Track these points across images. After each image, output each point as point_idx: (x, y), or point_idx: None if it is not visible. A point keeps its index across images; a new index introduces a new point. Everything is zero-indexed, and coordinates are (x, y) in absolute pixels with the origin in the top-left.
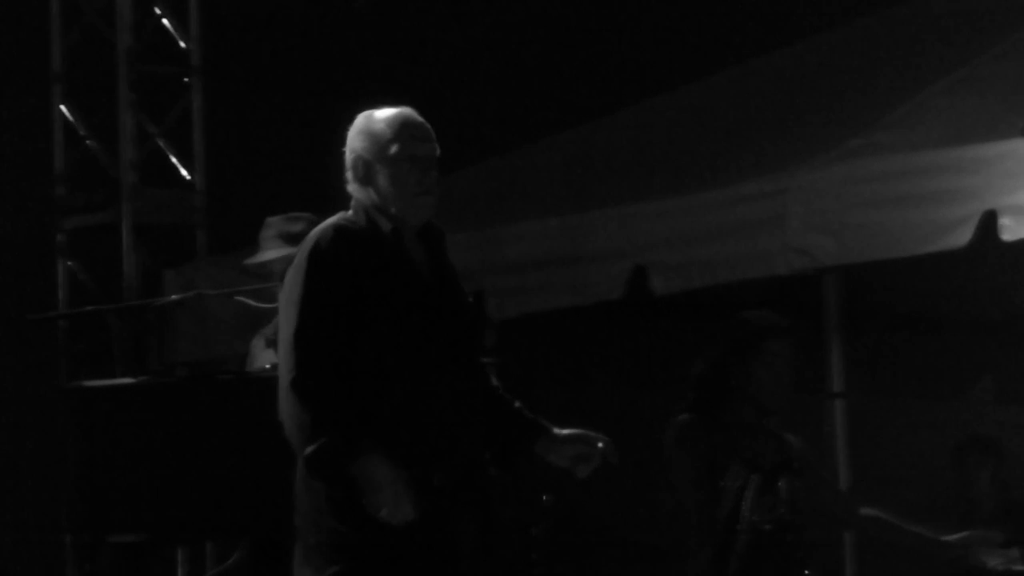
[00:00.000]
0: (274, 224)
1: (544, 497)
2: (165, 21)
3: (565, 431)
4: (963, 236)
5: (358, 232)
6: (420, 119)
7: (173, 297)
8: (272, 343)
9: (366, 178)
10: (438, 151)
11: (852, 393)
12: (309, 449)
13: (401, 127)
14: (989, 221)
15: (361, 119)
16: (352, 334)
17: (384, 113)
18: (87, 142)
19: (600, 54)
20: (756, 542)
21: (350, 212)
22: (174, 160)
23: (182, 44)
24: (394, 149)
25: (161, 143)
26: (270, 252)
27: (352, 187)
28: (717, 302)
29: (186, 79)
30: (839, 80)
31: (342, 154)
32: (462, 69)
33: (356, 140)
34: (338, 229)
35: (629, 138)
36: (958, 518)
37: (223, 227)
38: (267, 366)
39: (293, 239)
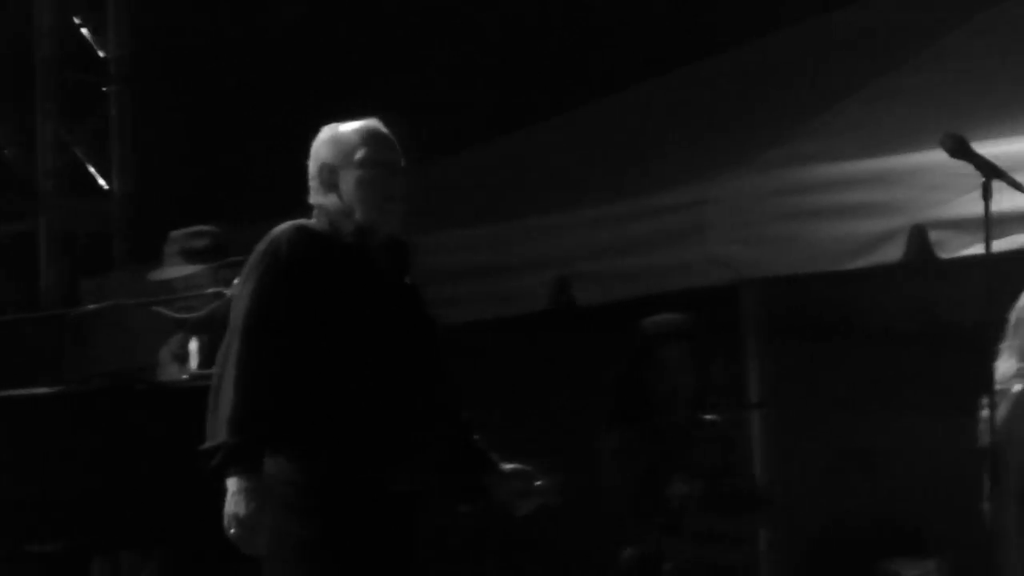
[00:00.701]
0: (177, 240)
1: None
2: (84, 30)
3: (508, 466)
4: (894, 251)
5: (319, 233)
6: (385, 129)
7: (90, 306)
8: (178, 356)
9: (331, 184)
10: (403, 162)
11: (770, 404)
12: (208, 444)
13: (368, 134)
14: (919, 236)
15: (326, 130)
16: (308, 333)
17: (351, 123)
18: (4, 151)
19: (521, 66)
20: (695, 544)
21: (312, 220)
22: (92, 169)
23: (101, 53)
24: (361, 154)
25: (79, 152)
26: (172, 270)
27: (316, 197)
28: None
29: (104, 88)
30: (759, 90)
31: (262, 161)
32: (382, 80)
33: (321, 149)
34: (299, 227)
35: (551, 149)
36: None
37: (141, 236)
38: (184, 376)
39: (195, 255)
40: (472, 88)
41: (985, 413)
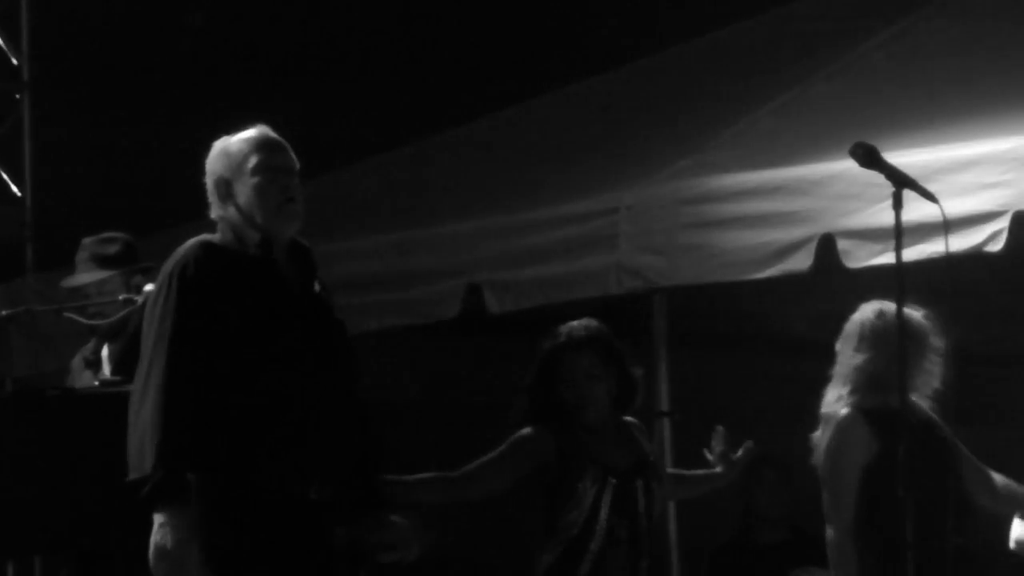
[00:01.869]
0: (88, 246)
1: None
2: None
3: (393, 517)
4: (803, 261)
5: (225, 248)
6: (274, 134)
7: (2, 312)
8: (91, 363)
9: (227, 196)
10: (297, 163)
11: (679, 412)
12: (135, 475)
13: (256, 141)
14: (827, 245)
15: (217, 143)
16: (222, 348)
17: (238, 135)
18: None
19: (431, 72)
20: (611, 547)
21: (216, 234)
22: (3, 175)
23: (13, 60)
24: (252, 161)
25: None
26: (84, 275)
27: (216, 211)
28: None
29: (16, 95)
30: (670, 100)
31: (171, 168)
32: (290, 86)
33: (215, 163)
34: (204, 244)
35: (462, 156)
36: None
37: (52, 242)
38: (96, 383)
39: (106, 261)
40: (384, 93)
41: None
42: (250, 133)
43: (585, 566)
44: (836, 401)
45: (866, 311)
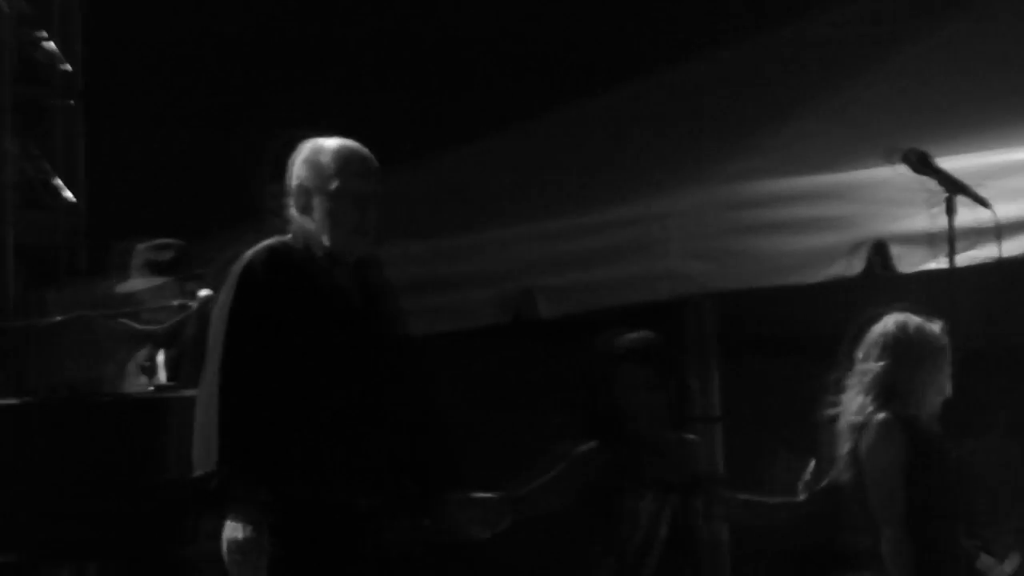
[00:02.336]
0: (142, 253)
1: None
2: (48, 44)
3: (470, 496)
4: (855, 265)
5: (292, 255)
6: (366, 153)
7: (56, 318)
8: (145, 369)
9: (306, 207)
10: (379, 187)
11: (730, 417)
12: (199, 473)
13: (345, 162)
14: (880, 250)
15: (307, 147)
16: (281, 355)
17: (330, 145)
18: None
19: (479, 76)
20: (671, 562)
21: (288, 236)
22: (59, 182)
23: (68, 67)
24: (335, 185)
25: (45, 165)
26: (138, 282)
27: (292, 212)
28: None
29: (71, 101)
30: (718, 104)
31: (217, 174)
32: (338, 91)
33: (300, 168)
34: (271, 250)
35: (513, 160)
36: None
37: (106, 249)
38: (151, 388)
39: (160, 268)
40: (433, 98)
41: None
42: (339, 148)
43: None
44: (859, 410)
45: (888, 322)
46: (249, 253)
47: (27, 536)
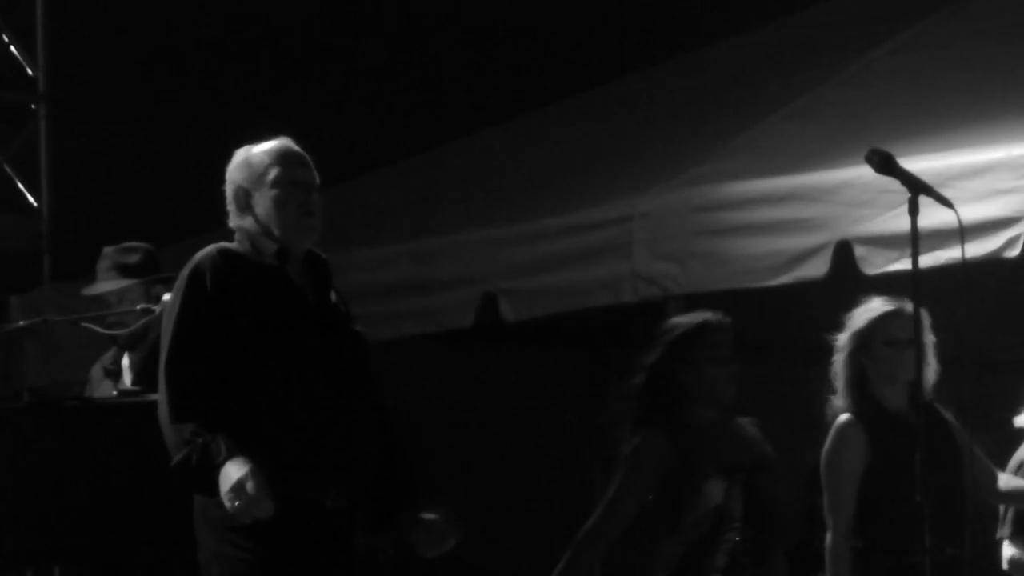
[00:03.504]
0: (109, 255)
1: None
2: (13, 48)
3: (425, 515)
4: (819, 267)
5: (241, 256)
6: (296, 147)
7: (20, 323)
8: (110, 373)
9: (246, 207)
10: (317, 178)
11: None
12: (175, 460)
13: (278, 154)
14: (844, 251)
15: (239, 153)
16: (235, 356)
17: (261, 145)
18: None
19: (445, 80)
20: (745, 541)
21: (234, 242)
22: (20, 186)
23: (29, 71)
24: (273, 174)
25: (7, 169)
26: (105, 284)
27: (234, 220)
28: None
29: (33, 106)
30: (682, 108)
31: (186, 179)
32: (307, 95)
33: (236, 172)
34: (221, 251)
35: (478, 163)
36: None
37: (68, 253)
38: (114, 392)
39: (128, 270)
40: (399, 101)
41: None
42: (272, 145)
43: (721, 558)
44: (833, 411)
45: (855, 316)
46: (196, 256)
47: None
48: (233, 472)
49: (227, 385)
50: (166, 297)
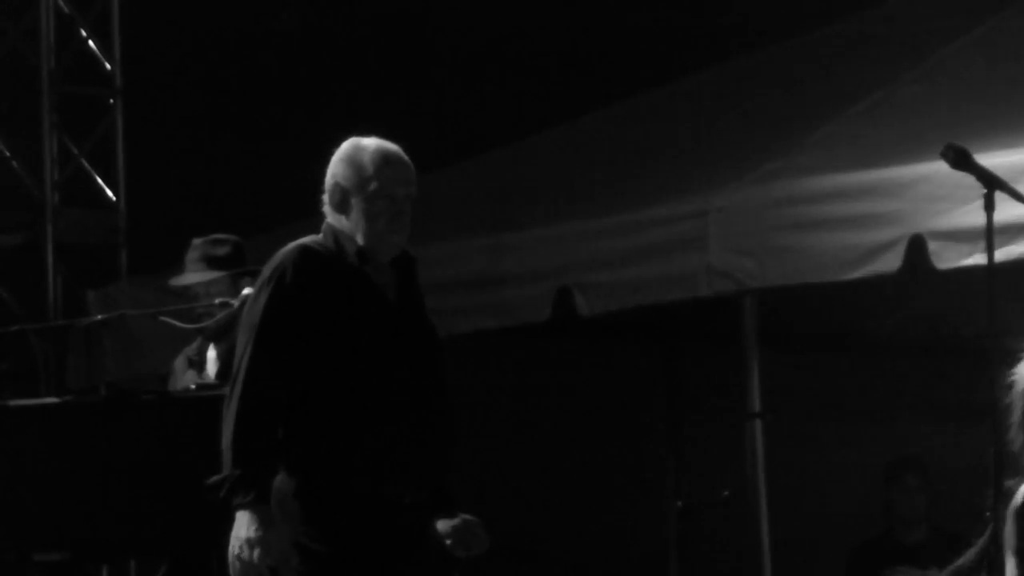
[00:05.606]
0: (199, 247)
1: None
2: (90, 43)
3: (451, 522)
4: (892, 262)
5: (324, 254)
6: (405, 159)
7: (97, 317)
8: (194, 363)
9: (341, 206)
10: (416, 192)
11: (771, 413)
12: (211, 479)
13: (384, 165)
14: (917, 246)
15: (348, 146)
16: (314, 355)
17: (371, 145)
18: (12, 163)
19: (523, 76)
20: None
21: (320, 235)
22: (98, 181)
23: (107, 65)
24: (373, 186)
25: (85, 164)
26: (193, 275)
27: (327, 210)
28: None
29: (110, 100)
30: (756, 104)
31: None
32: (383, 89)
33: (338, 166)
34: (304, 249)
35: (553, 159)
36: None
37: (145, 247)
38: (192, 386)
39: (217, 262)
40: (473, 98)
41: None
42: (379, 150)
43: None
44: None
45: None
46: (280, 254)
47: (70, 535)
48: (243, 527)
49: (305, 384)
50: (246, 291)
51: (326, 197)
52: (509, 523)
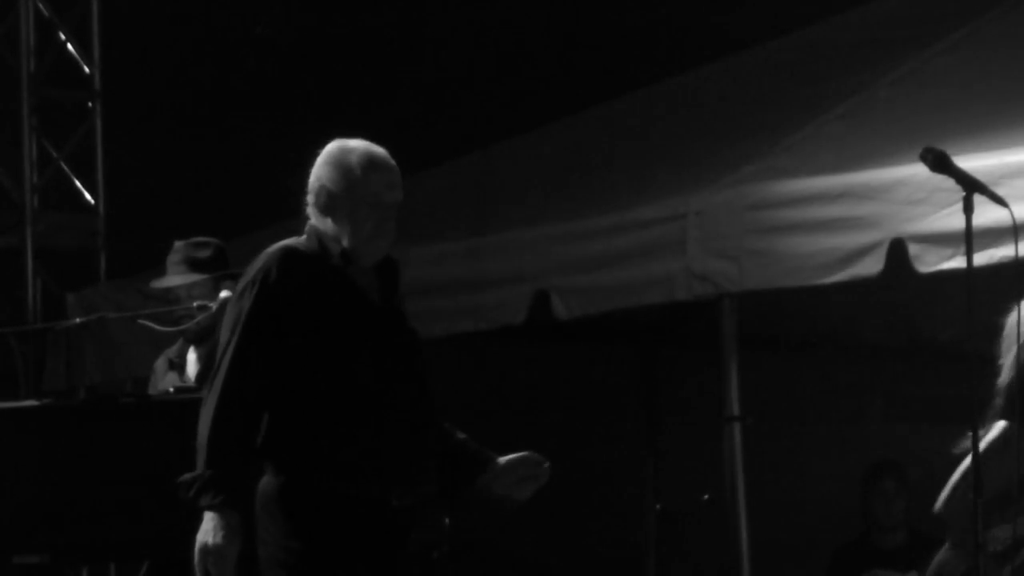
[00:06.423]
0: (181, 249)
1: (445, 520)
2: (69, 47)
3: (506, 458)
4: (874, 265)
5: (308, 256)
6: (392, 162)
7: (76, 320)
8: (175, 365)
9: (327, 209)
10: (402, 196)
11: (749, 417)
12: (182, 477)
13: (371, 168)
14: (898, 250)
15: (335, 148)
16: (297, 357)
17: (358, 148)
18: None
19: (500, 79)
20: None
21: (303, 236)
22: (77, 184)
23: (85, 69)
24: (361, 191)
25: (64, 167)
26: (175, 278)
27: (310, 211)
28: (619, 326)
29: (89, 103)
30: (736, 106)
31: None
32: (359, 93)
33: (324, 169)
34: (288, 251)
35: (529, 162)
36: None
37: (124, 251)
38: (170, 389)
39: (199, 265)
40: (451, 101)
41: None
42: (368, 154)
43: None
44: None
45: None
46: (264, 254)
47: (49, 538)
48: (207, 532)
49: (288, 387)
50: (224, 294)
51: (311, 199)
52: (486, 526)
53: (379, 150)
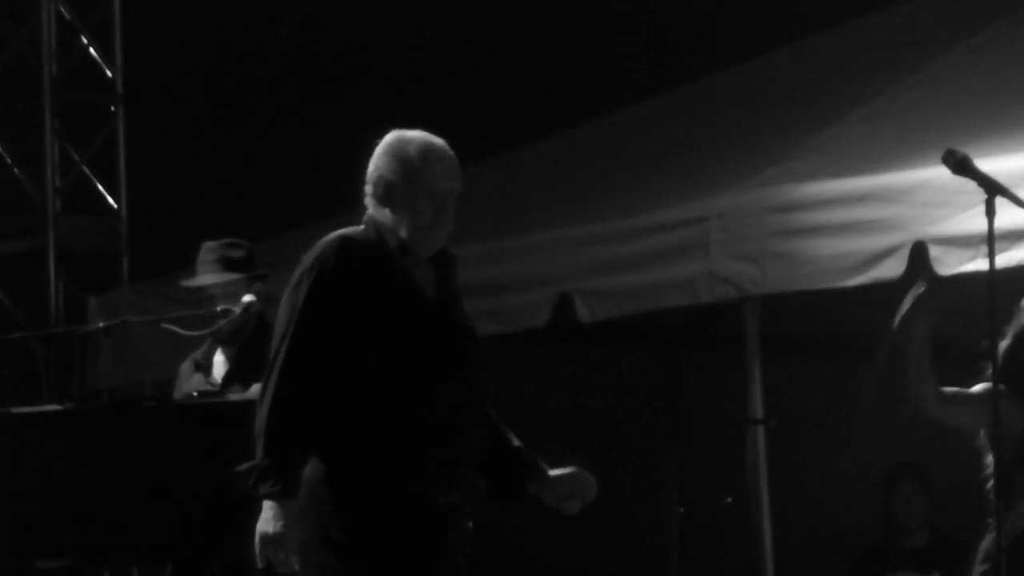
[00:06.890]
0: (214, 249)
1: (469, 523)
2: (91, 50)
3: (556, 471)
4: (895, 267)
5: (365, 246)
6: (451, 153)
7: (99, 324)
8: (200, 367)
9: (384, 199)
10: (460, 188)
11: (772, 419)
12: (241, 467)
13: (432, 159)
14: (920, 252)
15: (393, 139)
16: (354, 346)
17: (418, 139)
18: (14, 169)
19: (524, 83)
20: None
21: (361, 226)
22: (99, 187)
23: (107, 72)
24: (421, 181)
25: (86, 170)
26: (209, 276)
27: (368, 201)
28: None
29: (111, 106)
30: (758, 109)
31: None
32: (382, 96)
33: (383, 159)
34: (345, 240)
35: (553, 165)
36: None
37: (146, 254)
38: (195, 392)
39: (234, 264)
40: (474, 104)
41: None
42: (427, 144)
43: None
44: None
45: None
46: (321, 242)
47: (71, 541)
48: (266, 521)
49: (340, 377)
50: (247, 298)
51: (369, 188)
52: (510, 529)
53: (438, 140)
